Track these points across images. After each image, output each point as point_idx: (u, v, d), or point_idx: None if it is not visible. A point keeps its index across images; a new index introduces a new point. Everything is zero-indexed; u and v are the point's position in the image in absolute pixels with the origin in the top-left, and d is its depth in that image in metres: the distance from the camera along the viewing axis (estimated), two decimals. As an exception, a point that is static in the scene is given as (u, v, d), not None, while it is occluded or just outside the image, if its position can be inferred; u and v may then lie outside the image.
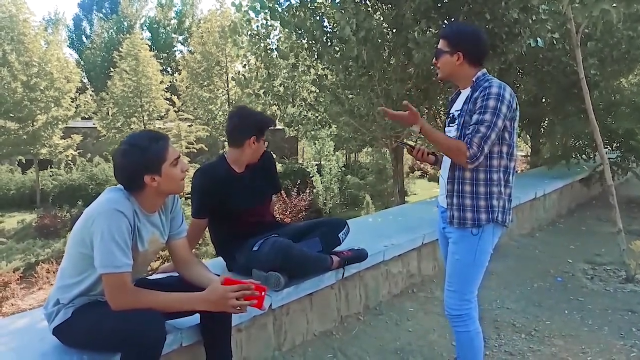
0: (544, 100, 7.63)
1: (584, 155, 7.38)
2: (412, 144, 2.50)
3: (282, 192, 13.75)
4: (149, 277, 2.31)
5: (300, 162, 22.37)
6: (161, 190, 1.94)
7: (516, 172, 2.21)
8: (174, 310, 1.96)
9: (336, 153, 18.39)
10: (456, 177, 2.14)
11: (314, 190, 16.60)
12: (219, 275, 2.07)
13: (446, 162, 2.22)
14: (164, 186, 1.92)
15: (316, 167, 17.73)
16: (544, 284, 3.98)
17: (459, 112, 2.16)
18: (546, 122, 8.27)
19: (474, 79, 2.15)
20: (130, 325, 1.75)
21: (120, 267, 1.78)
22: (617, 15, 3.66)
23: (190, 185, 2.79)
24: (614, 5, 3.68)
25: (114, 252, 1.77)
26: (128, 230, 1.83)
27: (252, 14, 6.14)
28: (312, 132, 8.41)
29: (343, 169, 19.05)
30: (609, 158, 4.66)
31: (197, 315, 2.12)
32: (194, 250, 2.56)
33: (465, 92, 2.19)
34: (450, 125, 2.24)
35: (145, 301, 1.84)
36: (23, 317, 2.41)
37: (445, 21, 5.63)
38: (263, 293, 1.93)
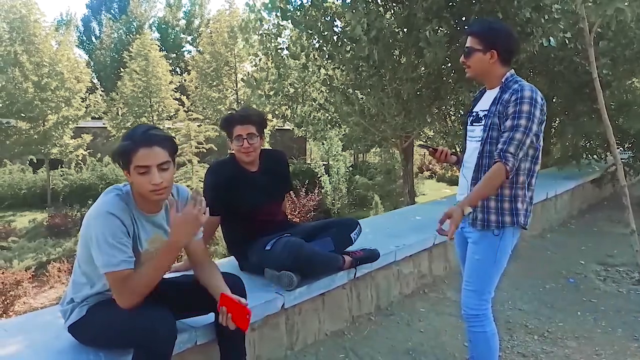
0: (554, 100, 7.57)
1: (595, 156, 7.32)
2: (424, 143, 2.52)
3: (291, 192, 13.75)
4: (163, 277, 2.32)
5: (309, 162, 22.37)
6: (139, 191, 1.87)
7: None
8: (164, 267, 1.89)
9: (343, 153, 18.36)
10: (480, 179, 2.12)
11: (322, 191, 16.60)
12: (233, 275, 2.11)
13: (469, 162, 2.20)
14: (137, 187, 1.85)
15: (324, 167, 17.72)
16: (556, 285, 3.96)
17: (486, 112, 2.13)
18: (557, 122, 8.21)
19: (503, 80, 2.12)
20: (141, 324, 1.77)
21: (118, 264, 1.79)
22: (631, 14, 3.64)
23: (203, 182, 2.82)
24: (627, 3, 3.65)
25: (110, 252, 1.78)
26: (122, 230, 1.82)
27: (265, 14, 6.15)
28: (322, 133, 8.39)
29: (351, 169, 19.02)
30: (620, 158, 4.61)
31: (212, 314, 2.14)
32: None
33: (492, 92, 2.16)
34: (475, 124, 2.21)
35: (139, 283, 1.82)
36: (39, 315, 2.44)
37: (457, 21, 5.61)
38: (248, 316, 1.91)
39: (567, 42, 5.45)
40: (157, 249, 2.01)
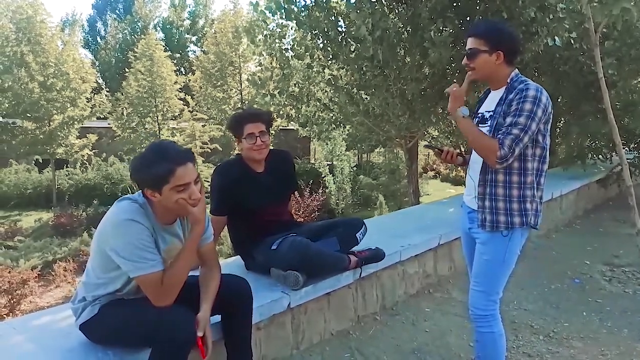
0: (560, 100, 7.55)
1: (600, 156, 7.29)
2: (430, 144, 2.51)
3: (295, 191, 13.73)
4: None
5: (313, 162, 22.38)
6: (166, 207, 1.90)
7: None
8: (193, 257, 1.99)
9: (347, 153, 18.34)
10: (488, 180, 2.13)
11: (327, 190, 16.60)
12: (240, 276, 2.20)
13: (476, 163, 2.20)
14: (166, 204, 1.88)
15: (327, 167, 17.71)
16: (562, 286, 3.95)
17: (492, 113, 2.14)
18: (562, 122, 8.19)
19: (508, 80, 2.12)
20: (162, 325, 1.79)
21: (152, 267, 1.82)
22: (637, 13, 3.63)
23: (209, 183, 2.84)
24: (633, 3, 3.64)
25: (140, 255, 1.81)
26: (146, 234, 1.85)
27: (269, 14, 6.16)
28: (326, 133, 8.40)
29: (354, 169, 19.00)
30: (626, 159, 4.59)
31: (218, 315, 2.15)
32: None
33: (498, 93, 2.16)
34: (480, 125, 2.21)
35: (176, 280, 1.88)
36: (47, 314, 2.46)
37: (462, 21, 5.61)
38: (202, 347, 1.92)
39: (572, 41, 5.43)
40: (172, 257, 2.03)
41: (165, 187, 1.82)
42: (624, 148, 5.49)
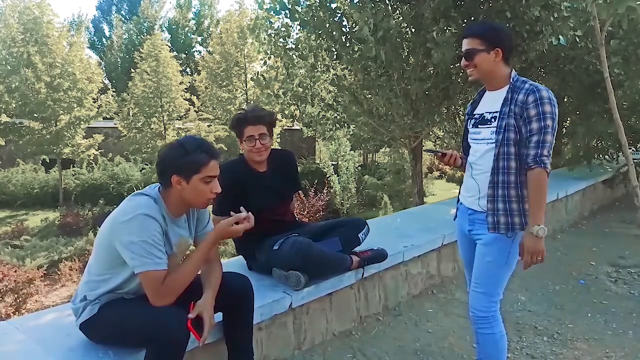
0: (566, 99, 7.51)
1: (606, 156, 7.25)
2: (432, 149, 2.49)
3: (300, 192, 13.75)
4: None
5: (318, 162, 22.36)
6: (184, 197, 1.95)
7: None
8: (201, 265, 2.03)
9: (351, 152, 18.30)
10: (500, 182, 2.10)
11: (332, 190, 16.59)
12: (242, 274, 2.18)
13: (480, 165, 2.17)
14: (187, 194, 1.94)
15: (332, 167, 17.69)
16: (567, 287, 3.93)
17: (496, 113, 2.10)
18: (568, 122, 8.14)
19: (511, 80, 2.10)
20: (154, 324, 1.79)
21: (158, 264, 1.83)
22: (643, 12, 3.60)
23: None
24: (638, 2, 3.62)
25: (149, 252, 1.81)
26: (159, 231, 1.87)
27: (273, 13, 6.16)
28: (330, 132, 8.39)
29: (359, 168, 18.96)
30: (632, 159, 4.57)
31: (220, 314, 2.16)
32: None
33: (498, 93, 2.13)
34: (480, 126, 2.19)
35: (179, 282, 1.89)
36: (49, 313, 2.46)
37: (465, 20, 5.59)
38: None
39: (577, 40, 5.40)
40: (182, 251, 2.08)
41: (195, 177, 1.90)
42: (630, 148, 5.46)
